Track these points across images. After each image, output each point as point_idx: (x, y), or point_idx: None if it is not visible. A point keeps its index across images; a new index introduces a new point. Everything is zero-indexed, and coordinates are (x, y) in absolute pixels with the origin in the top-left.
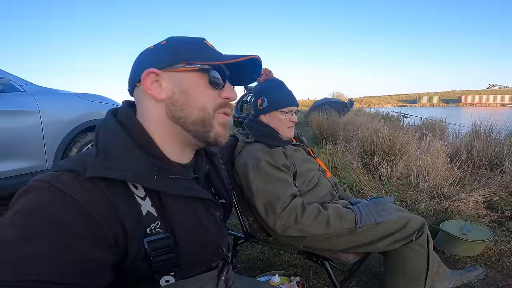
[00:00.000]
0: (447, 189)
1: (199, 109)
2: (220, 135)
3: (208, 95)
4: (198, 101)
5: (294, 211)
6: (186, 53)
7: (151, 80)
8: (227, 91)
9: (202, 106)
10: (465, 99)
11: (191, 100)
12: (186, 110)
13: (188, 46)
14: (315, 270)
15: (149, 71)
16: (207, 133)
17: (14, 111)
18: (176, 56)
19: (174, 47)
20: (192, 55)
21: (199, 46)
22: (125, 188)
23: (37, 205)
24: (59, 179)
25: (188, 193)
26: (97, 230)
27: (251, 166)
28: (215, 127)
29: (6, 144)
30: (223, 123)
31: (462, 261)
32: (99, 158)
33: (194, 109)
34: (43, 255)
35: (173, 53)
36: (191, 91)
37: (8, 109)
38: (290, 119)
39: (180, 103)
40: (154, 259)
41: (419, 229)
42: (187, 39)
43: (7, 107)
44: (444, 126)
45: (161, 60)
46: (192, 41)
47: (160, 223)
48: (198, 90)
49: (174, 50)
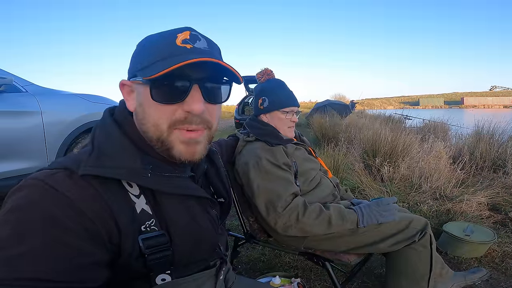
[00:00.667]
0: (450, 190)
1: (153, 126)
2: (182, 153)
3: (160, 111)
4: (151, 117)
5: (296, 210)
6: (139, 63)
7: (127, 91)
8: (188, 104)
9: (155, 123)
10: (468, 101)
11: (146, 115)
12: (145, 125)
13: (142, 53)
14: (316, 272)
15: (121, 83)
16: (169, 151)
17: (16, 111)
18: (135, 66)
19: (135, 55)
20: (141, 65)
21: (155, 52)
22: (119, 186)
23: (29, 202)
24: (53, 177)
25: (182, 191)
26: (90, 226)
27: (252, 164)
28: (175, 145)
29: (8, 144)
30: (184, 141)
31: (465, 263)
32: (93, 156)
33: (149, 126)
34: (36, 252)
35: (134, 62)
36: (145, 105)
37: (10, 110)
38: (291, 119)
39: (140, 117)
40: (149, 257)
41: (422, 230)
42: (152, 40)
43: (9, 107)
44: (447, 128)
45: (130, 69)
46: (152, 45)
47: (155, 221)
48: (150, 105)
49: (135, 58)
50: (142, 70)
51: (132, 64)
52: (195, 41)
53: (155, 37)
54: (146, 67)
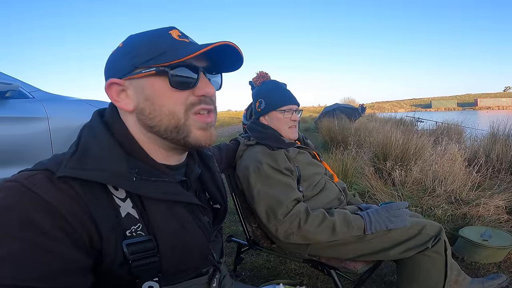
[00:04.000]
0: (466, 194)
1: (168, 116)
2: (200, 139)
3: (175, 98)
4: (165, 107)
5: (297, 217)
6: (142, 56)
7: (116, 91)
8: (201, 88)
9: (171, 111)
10: (481, 102)
11: (157, 107)
12: (155, 118)
13: (144, 46)
14: (323, 279)
15: (110, 82)
16: (186, 138)
17: (23, 117)
18: (133, 61)
19: (129, 51)
20: (148, 57)
21: (157, 43)
22: (103, 189)
23: (5, 205)
24: (31, 178)
25: (169, 196)
26: (70, 230)
27: (252, 169)
28: (192, 131)
29: (15, 150)
30: (201, 126)
31: (483, 268)
32: (74, 157)
33: (163, 117)
34: (14, 257)
35: (129, 57)
36: (154, 97)
37: (17, 116)
38: (291, 118)
39: (147, 112)
40: (134, 263)
41: (436, 236)
42: (145, 37)
43: (16, 113)
44: (461, 130)
45: (120, 67)
46: (150, 39)
47: (142, 226)
48: (161, 95)
49: (130, 54)
50: (146, 62)
51: (124, 61)
52: (186, 37)
53: (146, 34)
54: (153, 58)
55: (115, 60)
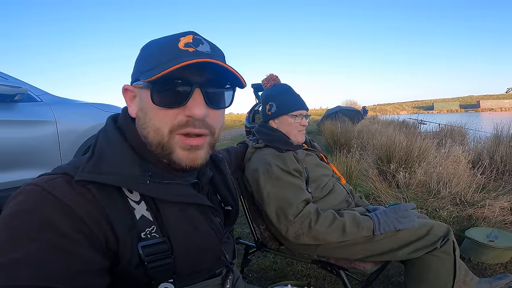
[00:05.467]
0: (471, 195)
1: (154, 131)
2: (182, 159)
3: (161, 115)
4: (152, 121)
5: (308, 217)
6: (143, 66)
7: (129, 96)
8: (189, 107)
9: (156, 127)
10: (484, 104)
11: (147, 120)
12: (145, 130)
13: (148, 56)
14: (330, 280)
15: (124, 87)
16: (169, 156)
17: (31, 121)
18: (138, 70)
19: (139, 59)
20: (144, 68)
21: (159, 54)
22: (118, 192)
23: (26, 208)
24: (51, 182)
25: (181, 199)
26: (88, 232)
27: (261, 171)
28: (176, 150)
29: (24, 153)
30: (184, 147)
31: (490, 269)
32: (91, 162)
33: (150, 130)
34: (33, 258)
35: (137, 65)
36: (147, 110)
37: (26, 119)
38: (300, 122)
39: (141, 122)
40: (149, 265)
41: (444, 236)
42: (155, 45)
43: (25, 116)
44: (464, 132)
45: (133, 74)
46: (158, 48)
47: (156, 228)
48: (151, 109)
49: (138, 62)
50: (143, 73)
51: (135, 68)
52: (198, 45)
53: (158, 41)
54: (148, 70)
55: (134, 65)
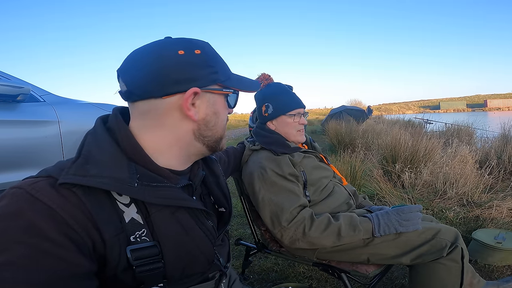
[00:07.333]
0: (478, 196)
1: (222, 128)
2: (223, 147)
3: (226, 114)
4: (223, 121)
5: (302, 223)
6: (221, 74)
7: (191, 100)
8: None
9: (223, 125)
10: (491, 103)
11: (219, 121)
12: (214, 129)
13: (220, 64)
14: (332, 282)
15: (194, 91)
16: (219, 145)
17: (34, 121)
18: (214, 76)
19: (210, 63)
20: (224, 76)
21: (224, 63)
22: (106, 194)
23: (10, 212)
24: (35, 185)
25: (170, 201)
26: (74, 235)
27: (256, 175)
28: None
29: (26, 153)
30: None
31: (497, 271)
32: (76, 164)
33: (220, 129)
34: (18, 262)
35: (210, 70)
36: (221, 112)
37: (29, 119)
38: (299, 121)
39: (212, 123)
40: (137, 269)
41: (452, 243)
42: (216, 53)
43: (27, 117)
44: (471, 131)
45: (199, 76)
46: (220, 57)
47: (146, 231)
48: (223, 111)
49: (211, 67)
50: (225, 81)
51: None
52: None
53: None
54: (228, 79)
55: (191, 66)
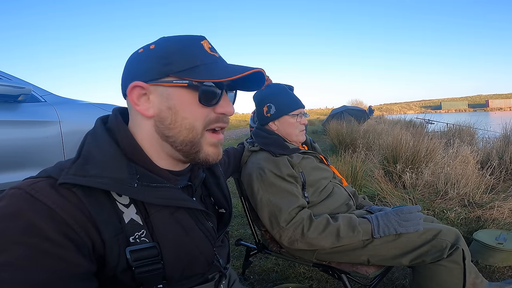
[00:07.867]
0: (479, 196)
1: (188, 129)
2: (209, 155)
3: (199, 113)
4: (186, 120)
5: (300, 224)
6: (176, 65)
7: (138, 94)
8: (222, 106)
9: (191, 125)
10: (493, 103)
11: (179, 119)
12: (174, 129)
13: (180, 54)
14: (333, 283)
15: (134, 84)
16: (197, 154)
17: (35, 121)
18: (165, 68)
19: (163, 55)
20: (182, 67)
21: (192, 54)
22: (106, 195)
23: (9, 212)
24: (34, 185)
25: (169, 202)
26: (73, 236)
27: (255, 176)
28: (204, 147)
29: (27, 153)
30: (213, 143)
31: (498, 272)
32: (76, 164)
33: (182, 129)
34: (18, 262)
35: (162, 63)
36: (179, 108)
37: (29, 119)
38: (301, 121)
39: (168, 121)
40: (136, 270)
41: (453, 244)
42: (180, 42)
43: (28, 117)
44: (473, 132)
45: (149, 70)
46: (185, 46)
47: (146, 232)
48: (187, 107)
49: (164, 59)
50: (181, 72)
51: (158, 65)
52: (215, 51)
53: (179, 41)
54: (187, 69)
55: (143, 61)
